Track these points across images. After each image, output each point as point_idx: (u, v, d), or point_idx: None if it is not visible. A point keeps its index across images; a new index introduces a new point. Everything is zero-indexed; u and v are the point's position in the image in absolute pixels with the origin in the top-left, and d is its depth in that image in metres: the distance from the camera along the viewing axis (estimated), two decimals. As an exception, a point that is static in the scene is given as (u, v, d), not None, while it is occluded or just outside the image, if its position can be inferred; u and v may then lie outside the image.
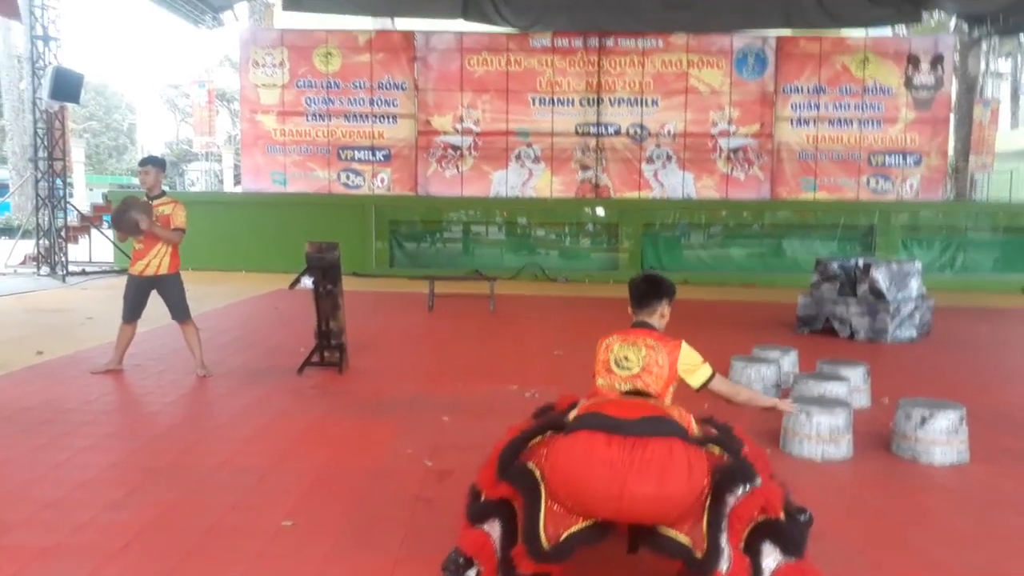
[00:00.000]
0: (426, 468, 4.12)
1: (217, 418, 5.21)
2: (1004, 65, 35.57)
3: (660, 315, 3.28)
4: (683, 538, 2.45)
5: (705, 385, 3.18)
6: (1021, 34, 22.28)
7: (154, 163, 6.24)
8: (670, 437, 2.49)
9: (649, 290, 3.33)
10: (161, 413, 5.24)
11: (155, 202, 6.11)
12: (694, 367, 3.14)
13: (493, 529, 2.67)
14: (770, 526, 2.51)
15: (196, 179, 29.28)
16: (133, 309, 6.18)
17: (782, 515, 2.55)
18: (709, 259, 16.30)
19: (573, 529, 2.50)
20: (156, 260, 6.10)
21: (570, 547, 2.50)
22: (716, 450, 2.62)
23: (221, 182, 28.26)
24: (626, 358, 3.11)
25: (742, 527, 2.48)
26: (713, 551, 2.41)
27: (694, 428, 2.71)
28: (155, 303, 6.24)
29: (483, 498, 2.78)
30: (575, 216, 16.89)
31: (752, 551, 2.48)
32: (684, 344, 3.14)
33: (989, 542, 3.41)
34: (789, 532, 2.53)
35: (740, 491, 2.49)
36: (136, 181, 20.31)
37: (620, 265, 15.85)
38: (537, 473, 2.60)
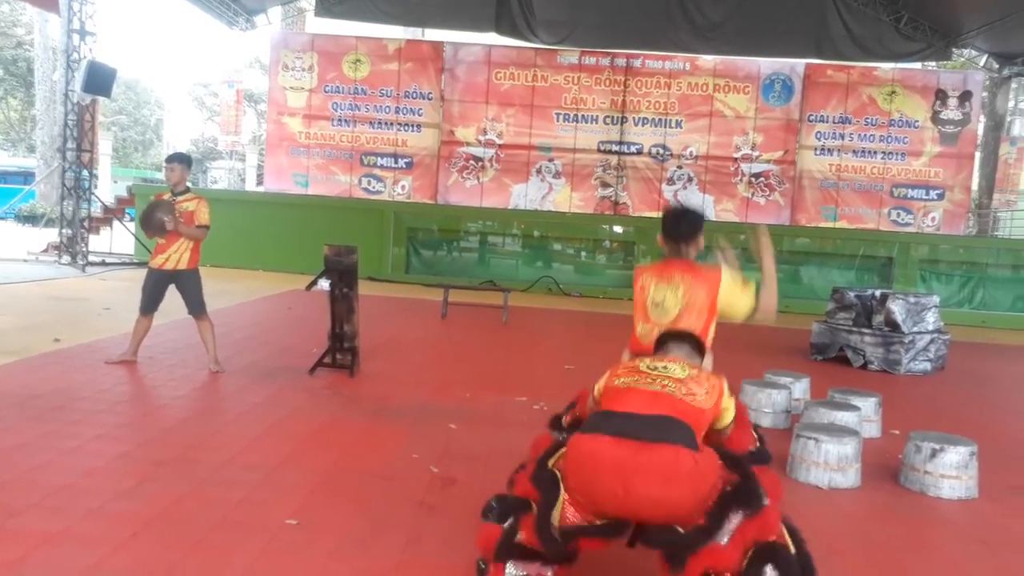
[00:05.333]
0: (432, 474, 4.14)
1: (227, 414, 5.25)
2: (1033, 103, 35.28)
3: (695, 248, 3.22)
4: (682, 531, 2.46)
5: (753, 313, 3.06)
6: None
7: (180, 160, 6.34)
8: (676, 445, 2.47)
9: (688, 229, 3.24)
10: (172, 406, 5.29)
11: (179, 198, 6.20)
12: (735, 296, 3.03)
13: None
14: (774, 552, 2.46)
15: (219, 177, 29.59)
16: (150, 301, 6.25)
17: (789, 543, 2.50)
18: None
19: (583, 524, 2.53)
20: (176, 255, 6.18)
21: (576, 535, 2.51)
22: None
23: (243, 181, 28.52)
24: (664, 299, 3.05)
25: (743, 544, 2.47)
26: (707, 529, 2.41)
27: (723, 406, 2.66)
28: (173, 297, 6.32)
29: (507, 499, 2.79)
30: (592, 232, 16.92)
31: (752, 574, 2.46)
32: (724, 274, 3.03)
33: (994, 581, 3.39)
34: (793, 563, 2.47)
35: (744, 513, 2.48)
36: (160, 176, 20.48)
37: (635, 283, 15.79)
38: (559, 474, 2.63)
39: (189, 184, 6.47)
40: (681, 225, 3.27)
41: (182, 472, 3.92)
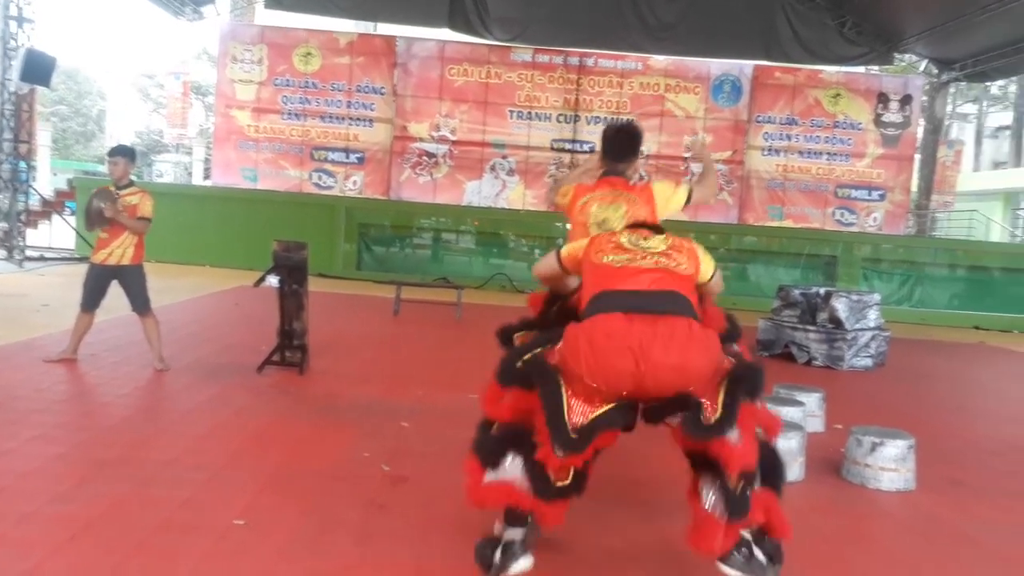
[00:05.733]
0: (383, 473, 4.11)
1: (172, 413, 5.14)
2: (970, 108, 36.63)
3: (633, 169, 3.27)
4: (699, 398, 2.50)
5: (687, 204, 3.23)
6: (987, 80, 22.94)
7: (124, 154, 6.17)
8: (687, 316, 2.56)
9: (629, 145, 3.30)
10: (114, 405, 5.15)
11: (122, 192, 6.04)
12: (669, 198, 3.16)
13: (515, 469, 2.65)
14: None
15: (165, 171, 28.87)
16: (92, 298, 6.08)
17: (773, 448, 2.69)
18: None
19: (594, 414, 2.55)
20: (119, 250, 6.02)
21: (594, 431, 2.54)
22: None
23: (190, 175, 27.88)
24: (606, 219, 3.09)
25: (752, 423, 2.56)
26: (727, 416, 2.48)
27: (701, 261, 2.77)
28: (116, 293, 6.15)
29: (495, 430, 2.77)
30: (546, 229, 16.97)
31: None
32: (655, 186, 3.13)
33: (926, 570, 3.50)
34: (773, 466, 2.68)
35: (749, 393, 2.58)
36: (103, 169, 19.89)
37: (587, 281, 15.90)
38: (557, 370, 2.61)
39: (133, 178, 6.31)
40: (619, 142, 3.29)
41: (124, 473, 3.82)
